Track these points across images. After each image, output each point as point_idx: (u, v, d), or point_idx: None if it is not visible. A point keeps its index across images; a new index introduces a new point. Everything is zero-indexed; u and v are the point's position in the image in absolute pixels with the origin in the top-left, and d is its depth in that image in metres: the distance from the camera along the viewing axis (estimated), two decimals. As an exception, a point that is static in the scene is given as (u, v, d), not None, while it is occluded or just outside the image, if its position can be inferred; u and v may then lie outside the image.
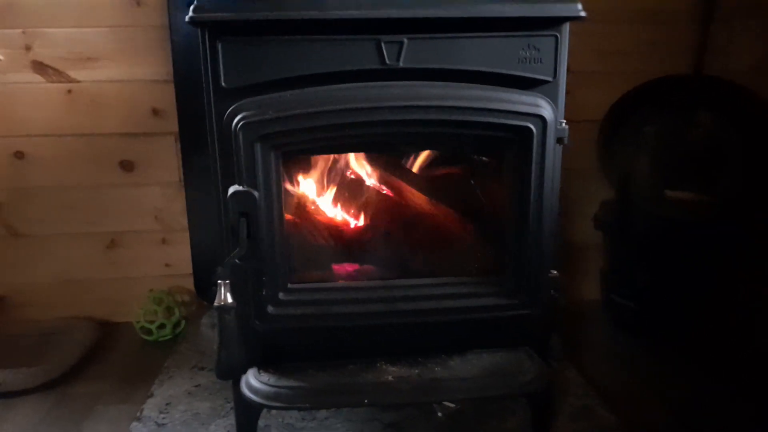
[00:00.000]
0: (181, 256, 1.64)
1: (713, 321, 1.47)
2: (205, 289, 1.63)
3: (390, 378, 1.06)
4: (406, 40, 0.96)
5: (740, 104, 1.46)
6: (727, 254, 1.43)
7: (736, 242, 1.43)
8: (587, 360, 1.41)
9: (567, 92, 1.02)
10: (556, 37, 0.98)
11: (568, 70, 1.01)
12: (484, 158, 1.18)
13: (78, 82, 1.52)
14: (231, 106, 0.96)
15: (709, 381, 1.34)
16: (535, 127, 0.99)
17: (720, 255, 1.43)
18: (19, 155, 1.55)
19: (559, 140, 1.01)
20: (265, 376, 1.05)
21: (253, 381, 1.05)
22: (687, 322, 1.48)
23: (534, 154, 1.00)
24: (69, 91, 1.52)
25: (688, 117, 1.46)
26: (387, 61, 0.96)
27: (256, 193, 0.97)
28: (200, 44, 0.95)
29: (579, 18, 0.97)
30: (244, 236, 0.97)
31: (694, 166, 1.45)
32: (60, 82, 1.52)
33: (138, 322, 1.57)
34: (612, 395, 1.27)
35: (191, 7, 0.92)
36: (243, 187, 0.97)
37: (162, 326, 1.57)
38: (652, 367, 1.42)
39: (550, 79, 1.00)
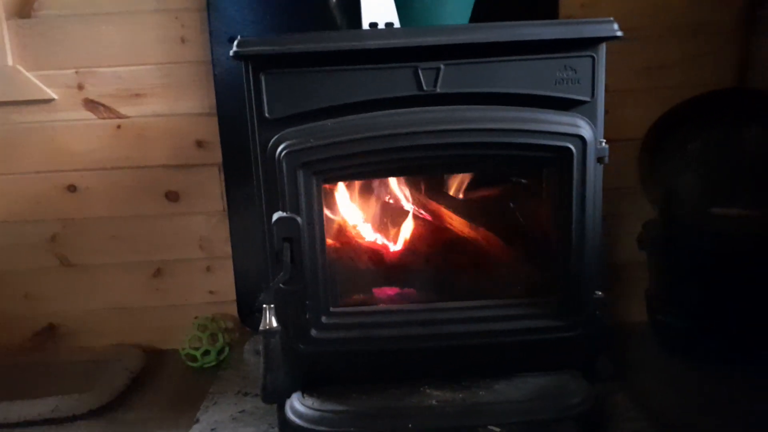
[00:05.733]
0: (225, 283, 1.67)
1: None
2: (248, 316, 1.65)
3: (434, 402, 1.05)
4: (442, 66, 0.98)
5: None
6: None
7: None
8: (636, 382, 1.37)
9: (606, 110, 1.02)
10: (593, 57, 0.99)
11: (607, 88, 1.01)
12: (523, 180, 1.18)
13: (126, 117, 1.59)
14: (274, 136, 0.99)
15: (764, 401, 1.29)
16: (574, 147, 0.99)
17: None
18: (71, 188, 1.62)
19: (600, 159, 1.02)
20: (309, 400, 1.06)
21: (297, 405, 1.06)
22: (739, 342, 1.42)
23: (574, 174, 1.00)
24: (118, 127, 1.59)
25: (734, 131, 1.43)
26: (424, 87, 0.98)
27: (299, 219, 0.99)
28: (244, 77, 0.99)
29: (615, 38, 0.97)
30: (288, 261, 0.99)
31: (742, 181, 1.41)
32: (110, 118, 1.59)
33: (183, 349, 1.59)
34: (663, 419, 1.22)
35: (235, 42, 0.97)
36: (287, 213, 0.99)
37: (207, 353, 1.58)
38: (703, 388, 1.36)
39: (588, 99, 1.00)
